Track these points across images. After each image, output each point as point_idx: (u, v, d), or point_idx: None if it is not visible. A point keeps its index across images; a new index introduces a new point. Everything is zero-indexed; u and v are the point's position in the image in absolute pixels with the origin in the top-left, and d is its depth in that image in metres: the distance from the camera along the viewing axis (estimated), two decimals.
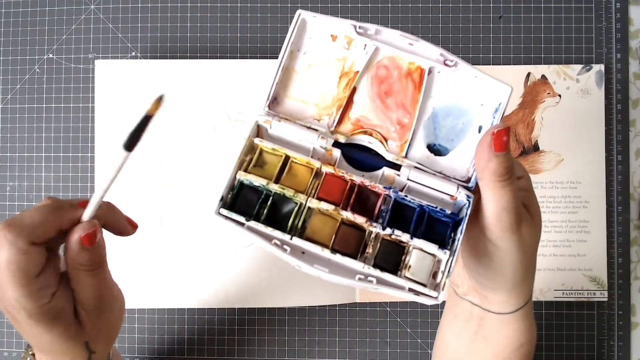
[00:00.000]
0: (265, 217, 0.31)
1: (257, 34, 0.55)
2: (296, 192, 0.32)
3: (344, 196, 0.32)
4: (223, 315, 0.54)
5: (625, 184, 0.54)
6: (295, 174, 0.33)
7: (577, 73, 0.54)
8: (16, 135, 0.55)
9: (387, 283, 0.31)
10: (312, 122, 0.34)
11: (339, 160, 0.34)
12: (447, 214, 0.32)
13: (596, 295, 0.53)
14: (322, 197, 0.32)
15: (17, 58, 0.55)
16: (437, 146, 0.34)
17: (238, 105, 0.53)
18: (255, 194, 0.32)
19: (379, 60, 0.34)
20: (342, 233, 0.32)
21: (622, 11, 0.55)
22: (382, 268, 0.31)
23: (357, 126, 0.34)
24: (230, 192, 0.32)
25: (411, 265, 0.31)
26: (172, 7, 0.55)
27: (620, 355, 0.53)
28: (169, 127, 0.53)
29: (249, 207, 0.32)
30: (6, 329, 0.54)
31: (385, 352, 0.53)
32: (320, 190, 0.32)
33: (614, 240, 0.54)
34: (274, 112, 0.34)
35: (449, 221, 0.32)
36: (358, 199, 0.32)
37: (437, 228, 0.32)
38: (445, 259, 0.31)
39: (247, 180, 0.32)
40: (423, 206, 0.32)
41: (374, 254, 0.32)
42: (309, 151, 0.34)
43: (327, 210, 0.32)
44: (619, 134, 0.54)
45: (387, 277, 0.31)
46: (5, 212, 0.55)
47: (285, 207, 0.32)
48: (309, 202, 0.32)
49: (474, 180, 0.33)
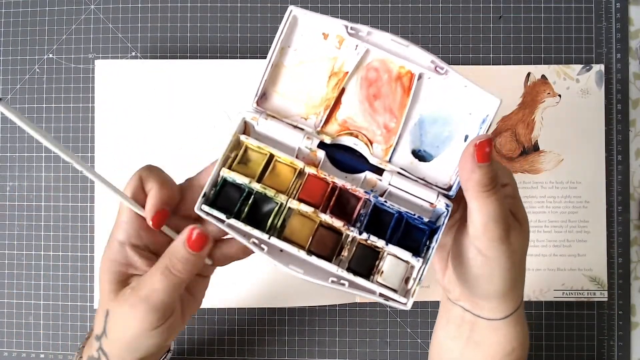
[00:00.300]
0: (245, 215, 0.32)
1: (257, 34, 0.55)
2: (277, 193, 0.32)
3: (325, 198, 0.33)
4: (223, 316, 0.54)
5: (625, 184, 0.54)
6: (279, 173, 0.33)
7: (577, 73, 0.54)
8: (16, 135, 0.55)
9: (359, 287, 0.32)
10: (300, 120, 0.34)
11: (323, 162, 0.34)
12: (425, 221, 0.33)
13: (596, 295, 0.53)
14: (302, 198, 0.33)
15: (17, 58, 0.55)
16: (422, 152, 0.34)
17: (238, 105, 0.53)
18: (237, 192, 0.33)
19: (370, 62, 0.34)
20: (319, 235, 0.32)
21: (622, 11, 0.55)
22: (355, 272, 0.32)
23: (344, 127, 0.34)
24: (213, 188, 0.33)
25: (384, 271, 0.32)
26: (172, 7, 0.55)
27: (620, 355, 0.53)
28: (169, 127, 0.53)
29: (230, 204, 0.32)
30: (6, 329, 0.54)
31: (385, 352, 0.54)
32: (302, 191, 0.33)
33: (614, 240, 0.54)
34: (262, 108, 0.34)
35: (426, 229, 0.33)
36: (338, 201, 0.33)
37: (413, 235, 0.33)
38: (417, 267, 0.32)
39: (230, 178, 0.33)
40: (401, 212, 0.33)
41: (349, 258, 0.32)
42: (294, 150, 0.34)
43: (307, 212, 0.32)
44: (619, 134, 0.54)
45: (360, 281, 0.32)
46: (5, 212, 0.55)
47: (266, 206, 0.33)
48: (289, 203, 0.32)
49: (456, 188, 0.33)
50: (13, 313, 0.54)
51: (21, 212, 0.55)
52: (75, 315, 0.54)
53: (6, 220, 0.55)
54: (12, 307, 0.54)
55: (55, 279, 0.54)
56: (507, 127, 0.54)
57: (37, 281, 0.54)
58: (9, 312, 0.54)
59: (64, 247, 0.54)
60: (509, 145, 0.54)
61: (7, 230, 0.55)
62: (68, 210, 0.54)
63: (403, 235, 0.33)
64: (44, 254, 0.54)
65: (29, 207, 0.55)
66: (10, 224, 0.55)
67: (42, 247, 0.55)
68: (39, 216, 0.55)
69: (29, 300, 0.54)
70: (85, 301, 0.54)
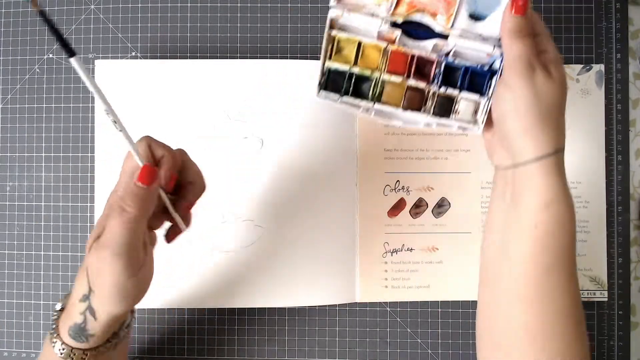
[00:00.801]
0: (351, 92, 0.42)
1: (257, 34, 0.55)
2: (372, 70, 0.42)
3: (407, 67, 0.42)
4: (223, 315, 0.54)
5: (625, 184, 0.54)
6: (368, 55, 0.42)
7: (577, 73, 0.54)
8: (16, 135, 0.55)
9: (443, 125, 0.43)
10: (374, 8, 0.41)
11: (400, 38, 0.41)
12: (485, 69, 0.42)
13: (596, 295, 0.53)
14: (391, 70, 0.42)
15: (17, 58, 0.55)
16: (477, 14, 0.41)
17: (238, 105, 0.53)
18: (341, 76, 0.42)
19: None
20: (408, 95, 0.42)
21: (622, 11, 0.55)
22: (439, 115, 0.43)
23: (411, 7, 0.41)
24: (323, 77, 0.42)
25: (459, 111, 0.43)
26: (172, 7, 0.55)
27: (620, 355, 0.53)
28: (169, 127, 0.53)
29: (338, 86, 0.42)
30: (6, 329, 0.54)
31: (385, 352, 0.54)
32: (389, 65, 0.42)
33: (614, 240, 0.54)
34: (342, 4, 0.41)
35: (487, 74, 0.42)
36: (417, 67, 0.42)
37: (477, 80, 0.42)
38: (483, 102, 0.42)
39: (334, 67, 0.42)
40: (467, 66, 0.42)
41: (433, 106, 0.43)
42: (375, 34, 0.41)
43: (396, 80, 0.42)
44: (619, 134, 0.54)
45: (443, 120, 0.43)
46: (5, 212, 0.55)
47: (364, 83, 0.42)
48: (382, 77, 0.42)
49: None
50: (13, 313, 0.54)
51: (21, 212, 0.55)
52: None
53: (6, 220, 0.55)
54: (12, 307, 0.54)
55: (55, 279, 0.54)
56: None
57: (37, 281, 0.54)
58: (9, 312, 0.54)
59: (64, 247, 0.54)
60: None
61: (7, 230, 0.55)
62: (68, 210, 0.55)
63: (469, 82, 0.42)
64: (44, 254, 0.54)
65: (29, 207, 0.55)
66: (10, 224, 0.55)
67: (42, 247, 0.55)
68: (39, 216, 0.55)
69: (29, 300, 0.54)
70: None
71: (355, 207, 0.53)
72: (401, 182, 0.54)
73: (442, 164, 0.54)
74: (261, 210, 0.52)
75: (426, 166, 0.54)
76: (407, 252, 0.53)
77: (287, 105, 0.52)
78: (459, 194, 0.54)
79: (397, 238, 0.53)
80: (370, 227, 0.53)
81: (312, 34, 0.55)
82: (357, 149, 0.53)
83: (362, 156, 0.53)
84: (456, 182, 0.54)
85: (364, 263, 0.53)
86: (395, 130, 0.54)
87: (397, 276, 0.53)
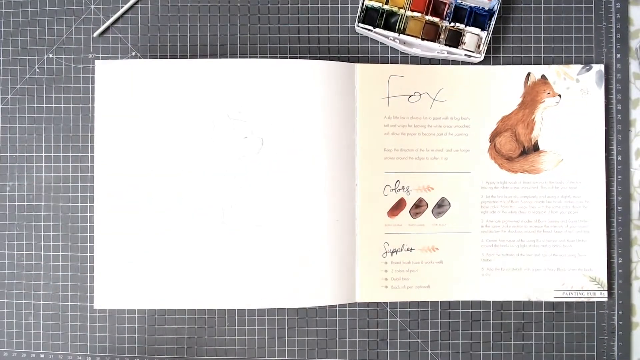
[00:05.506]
0: (382, 25, 0.54)
1: (257, 34, 0.55)
2: (398, 8, 0.53)
3: (426, 6, 0.53)
4: (223, 315, 0.54)
5: (625, 184, 0.54)
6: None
7: (577, 73, 0.54)
8: (16, 135, 0.55)
9: (452, 53, 0.53)
10: None
11: None
12: (485, 9, 0.53)
13: (596, 295, 0.53)
14: (413, 9, 0.53)
15: (17, 58, 0.55)
16: None
17: (238, 105, 0.53)
18: (375, 12, 0.53)
19: None
20: (426, 28, 0.53)
21: (622, 11, 0.55)
22: (450, 45, 0.53)
23: None
24: (362, 12, 0.53)
25: (465, 42, 0.53)
26: (172, 7, 0.55)
27: (620, 355, 0.53)
28: (169, 127, 0.53)
29: (373, 20, 0.54)
30: (6, 329, 0.54)
31: (385, 352, 0.54)
32: (412, 5, 0.53)
33: (614, 240, 0.54)
34: None
35: (487, 14, 0.53)
36: (433, 6, 0.53)
37: (480, 19, 0.53)
38: (484, 36, 0.53)
39: (370, 4, 0.53)
40: (472, 7, 0.53)
41: (445, 38, 0.53)
42: None
43: (417, 16, 0.53)
44: (619, 134, 0.54)
45: (452, 50, 0.53)
46: (5, 212, 0.55)
47: (392, 18, 0.54)
48: (406, 13, 0.53)
49: None
50: (13, 313, 0.54)
51: (21, 212, 0.55)
52: (75, 315, 0.54)
53: (6, 220, 0.55)
54: (12, 307, 0.54)
55: (55, 279, 0.54)
56: (507, 127, 0.54)
57: (37, 281, 0.54)
58: (9, 312, 0.54)
59: (63, 247, 0.54)
60: (509, 145, 0.54)
61: (7, 230, 0.55)
62: (68, 210, 0.55)
63: (474, 20, 0.53)
64: (44, 254, 0.55)
65: (29, 207, 0.55)
66: (10, 224, 0.55)
67: (42, 247, 0.55)
68: (39, 216, 0.55)
69: (29, 300, 0.54)
70: (85, 301, 0.54)
71: (355, 207, 0.53)
72: (401, 182, 0.54)
73: (442, 164, 0.54)
74: (261, 210, 0.52)
75: (426, 166, 0.54)
76: (407, 252, 0.53)
77: (287, 105, 0.52)
78: (459, 194, 0.54)
79: (397, 238, 0.53)
80: (370, 227, 0.53)
81: (312, 34, 0.55)
82: (357, 149, 0.53)
83: (362, 156, 0.53)
84: (456, 182, 0.54)
85: (364, 263, 0.53)
86: (395, 131, 0.54)
87: (397, 276, 0.53)
